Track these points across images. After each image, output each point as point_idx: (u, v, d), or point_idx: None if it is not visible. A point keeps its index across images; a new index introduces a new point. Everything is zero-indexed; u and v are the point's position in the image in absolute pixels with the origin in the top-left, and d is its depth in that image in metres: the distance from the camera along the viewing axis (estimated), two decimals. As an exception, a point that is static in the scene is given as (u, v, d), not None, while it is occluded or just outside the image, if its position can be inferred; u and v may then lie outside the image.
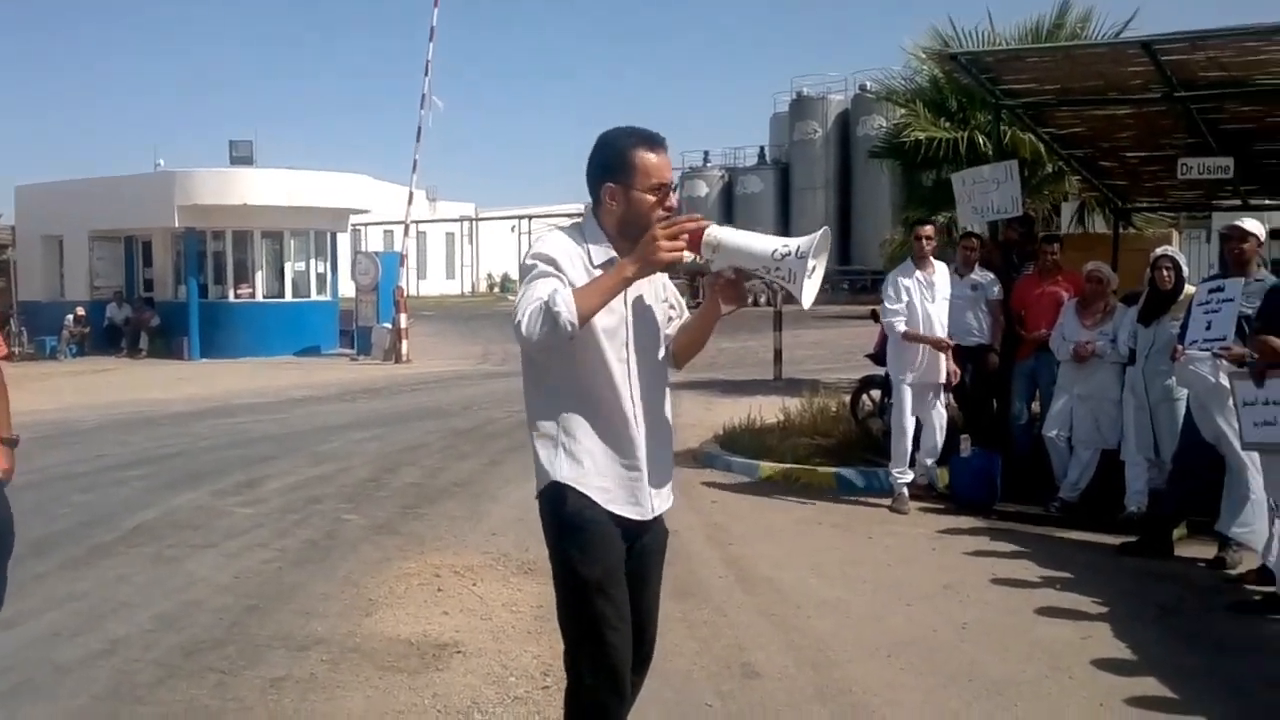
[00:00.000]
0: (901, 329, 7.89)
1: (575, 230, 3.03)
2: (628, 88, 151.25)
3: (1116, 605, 5.67)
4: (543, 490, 3.03)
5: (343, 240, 26.50)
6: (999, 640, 5.16)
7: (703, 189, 56.93)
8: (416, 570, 6.38)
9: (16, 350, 23.52)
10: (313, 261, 25.40)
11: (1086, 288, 7.73)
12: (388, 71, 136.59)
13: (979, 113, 12.76)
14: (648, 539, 3.15)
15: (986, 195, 8.69)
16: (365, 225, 40.31)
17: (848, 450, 9.41)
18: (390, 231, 45.03)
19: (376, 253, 27.10)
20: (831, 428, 10.25)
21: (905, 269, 8.07)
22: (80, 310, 24.85)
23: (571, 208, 58.60)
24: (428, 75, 22.51)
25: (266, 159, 25.26)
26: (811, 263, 2.82)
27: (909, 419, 7.96)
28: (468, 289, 60.87)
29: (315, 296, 25.40)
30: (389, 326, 22.24)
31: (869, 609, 5.65)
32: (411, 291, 25.32)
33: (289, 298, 24.88)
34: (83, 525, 7.55)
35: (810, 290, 2.84)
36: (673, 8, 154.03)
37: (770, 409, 10.99)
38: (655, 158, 2.94)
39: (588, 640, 3.00)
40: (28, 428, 4.18)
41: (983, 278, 8.77)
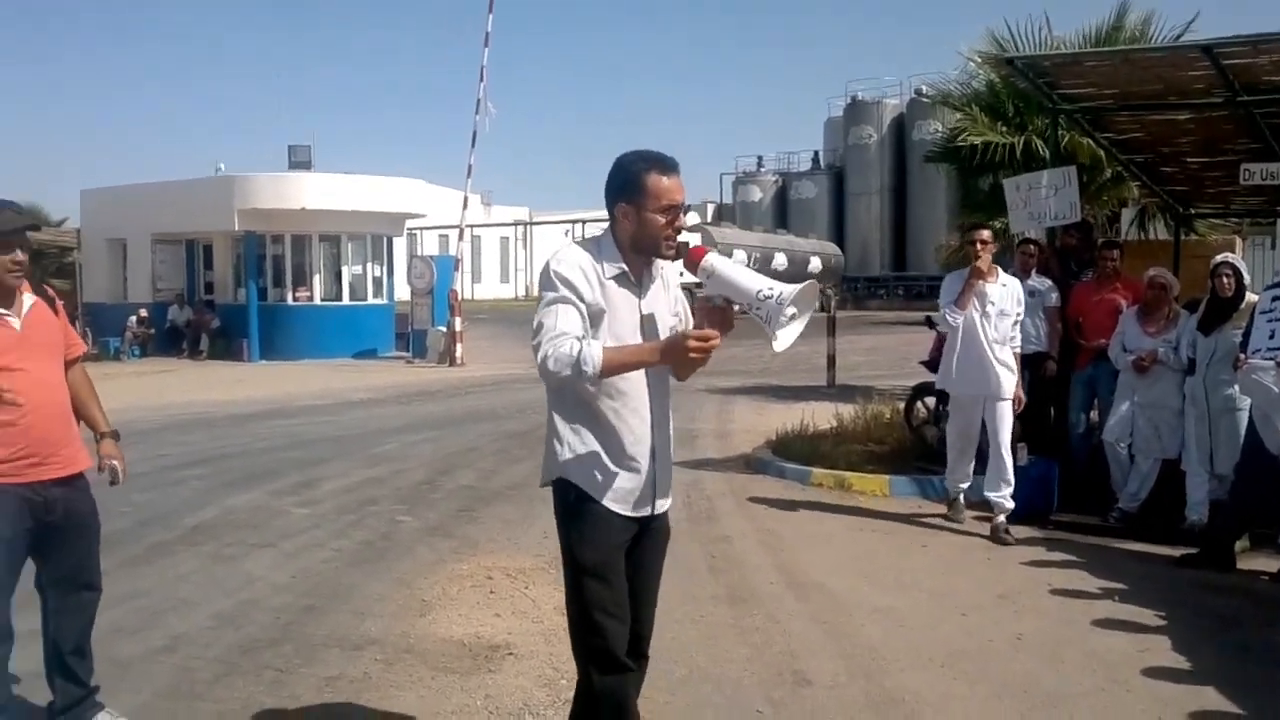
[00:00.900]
0: (954, 322, 7.35)
1: (593, 244, 3.26)
2: (681, 92, 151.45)
3: (1175, 617, 5.58)
4: (553, 482, 3.28)
5: (399, 244, 26.79)
6: (1055, 651, 5.10)
7: (756, 194, 56.81)
8: (469, 572, 6.43)
9: (81, 351, 24.02)
10: (369, 265, 25.70)
11: (1148, 294, 7.62)
12: (443, 77, 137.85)
13: (1036, 117, 12.62)
14: (651, 536, 3.37)
15: (1044, 201, 8.60)
16: (421, 229, 40.63)
17: (901, 458, 9.34)
18: (445, 236, 45.37)
19: (432, 256, 27.35)
20: (885, 435, 10.18)
21: (961, 274, 7.62)
22: (143, 312, 25.37)
23: (624, 212, 58.67)
24: (483, 80, 22.69)
25: (325, 164, 25.67)
26: (791, 310, 2.94)
27: (957, 427, 7.62)
28: (521, 293, 61.18)
29: (372, 300, 25.68)
30: (444, 330, 22.43)
31: (922, 618, 5.61)
32: (466, 295, 25.51)
33: (346, 301, 25.20)
34: (143, 524, 7.69)
35: (785, 336, 2.96)
36: (727, 12, 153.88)
37: (823, 415, 10.94)
38: (666, 180, 3.15)
39: (584, 622, 3.25)
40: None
41: (1040, 284, 8.67)
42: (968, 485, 7.75)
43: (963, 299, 7.31)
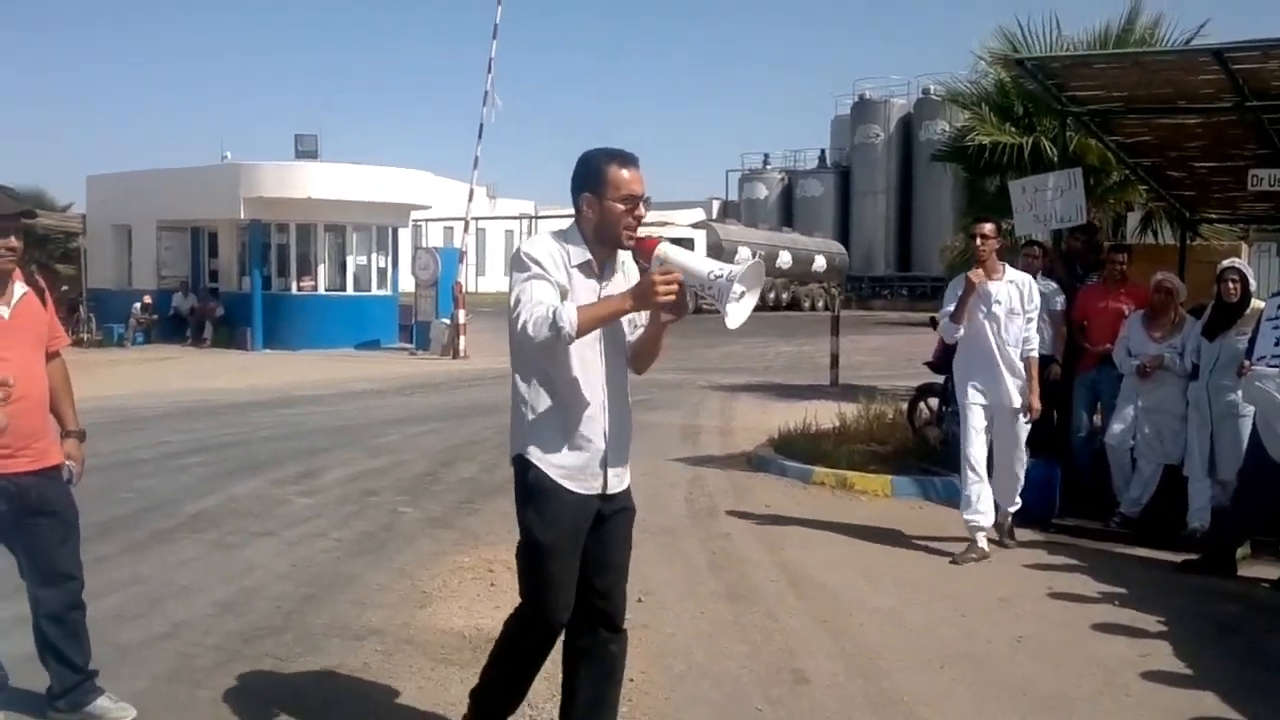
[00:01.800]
0: (951, 337, 6.99)
1: (560, 235, 3.45)
2: (689, 88, 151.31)
3: (1176, 623, 5.58)
4: (514, 458, 3.48)
5: (404, 235, 26.80)
6: (1054, 655, 5.10)
7: (762, 191, 56.83)
8: (470, 564, 6.44)
9: (85, 336, 24.07)
10: (374, 256, 25.71)
11: (1154, 298, 7.60)
12: (451, 68, 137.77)
13: (1045, 118, 12.60)
14: (614, 514, 3.53)
15: (1050, 203, 8.59)
16: (426, 221, 40.63)
17: (904, 458, 9.34)
18: (450, 228, 45.34)
19: (436, 248, 27.36)
20: (888, 435, 10.18)
21: (963, 275, 7.14)
22: (147, 299, 25.39)
23: (630, 207, 58.68)
24: (490, 73, 22.65)
25: (331, 154, 25.62)
26: (739, 288, 3.16)
27: (972, 445, 6.88)
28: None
29: (376, 291, 25.70)
30: (447, 322, 22.43)
31: (922, 619, 5.61)
32: (470, 288, 25.47)
33: (350, 291, 25.22)
34: (145, 510, 7.71)
35: (736, 313, 3.17)
36: (736, 9, 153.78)
37: (826, 414, 10.94)
38: (626, 173, 3.35)
39: (535, 595, 3.50)
40: (93, 413, 4.30)
41: (1045, 287, 8.64)
42: (989, 521, 6.90)
43: (959, 310, 6.78)
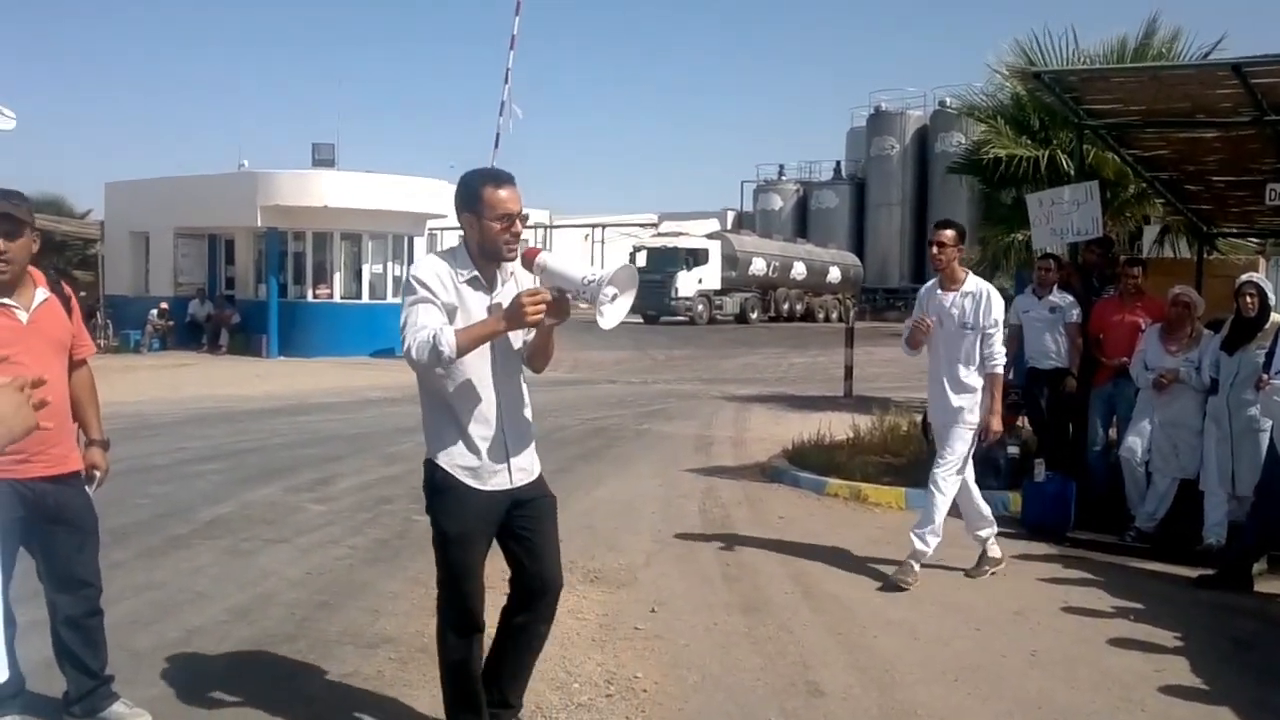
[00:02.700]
0: (909, 355, 6.73)
1: (449, 254, 3.71)
2: (704, 99, 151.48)
3: (1191, 638, 5.55)
4: (425, 461, 3.77)
5: (419, 244, 26.87)
6: (1069, 669, 5.08)
7: (777, 203, 56.84)
8: (486, 572, 6.42)
9: (101, 343, 24.17)
10: (390, 264, 25.77)
11: (1171, 312, 7.56)
12: (468, 79, 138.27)
13: (1062, 131, 12.57)
14: (529, 502, 3.81)
15: (1066, 216, 8.56)
16: (442, 230, 40.71)
17: (918, 470, 9.28)
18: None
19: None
20: (902, 447, 10.16)
21: (931, 283, 6.77)
22: (164, 305, 25.50)
23: (645, 217, 58.85)
24: (508, 83, 22.71)
25: (348, 162, 25.73)
26: (610, 290, 3.44)
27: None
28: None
29: (391, 299, 25.72)
30: (461, 331, 22.42)
31: (936, 631, 5.59)
32: (485, 296, 25.49)
33: (366, 299, 25.27)
34: (160, 516, 7.74)
35: (610, 314, 3.48)
36: (752, 20, 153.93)
37: (840, 425, 10.93)
38: (502, 193, 3.58)
39: (448, 584, 3.79)
40: (109, 419, 4.31)
41: (1061, 300, 8.65)
42: (990, 532, 6.75)
43: (914, 334, 6.46)
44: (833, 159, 57.97)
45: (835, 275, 47.71)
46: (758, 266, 44.18)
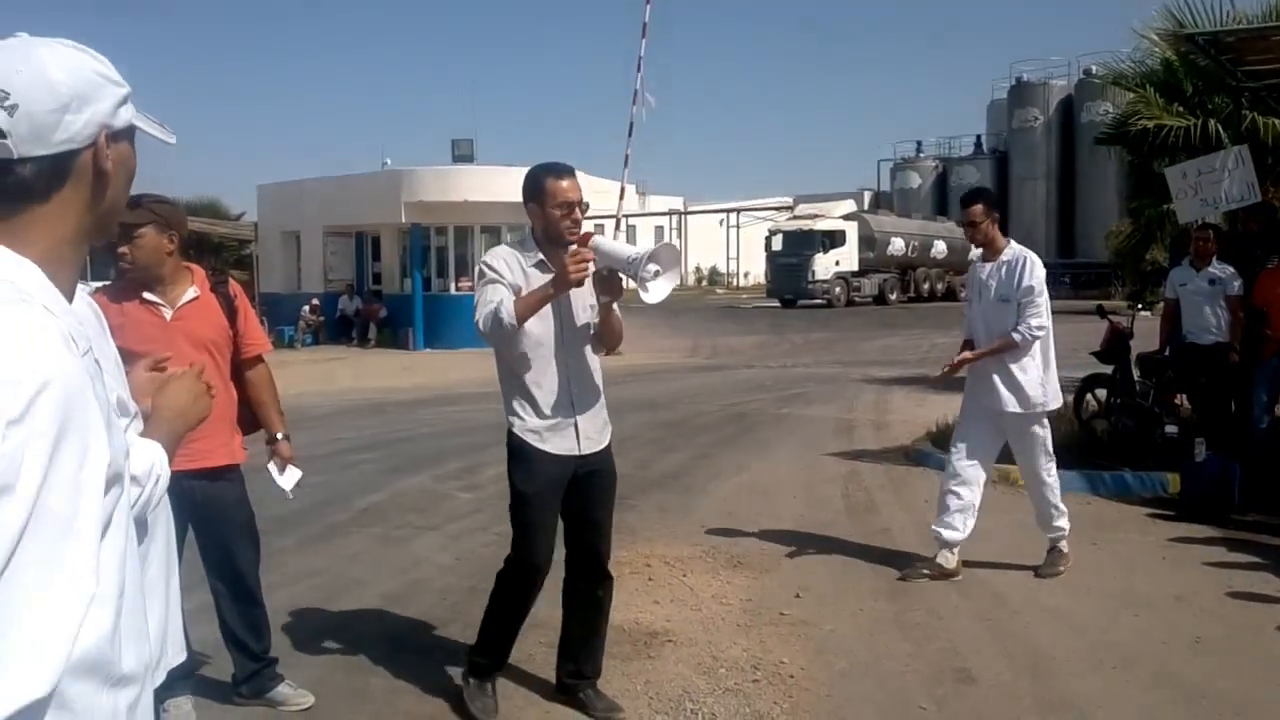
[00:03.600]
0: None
1: (519, 242, 4.11)
2: (839, 78, 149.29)
3: (1371, 625, 5.26)
4: (508, 430, 4.14)
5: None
6: (1235, 657, 4.86)
7: (915, 180, 55.76)
8: (628, 559, 6.50)
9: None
10: (528, 255, 26.13)
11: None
12: (601, 68, 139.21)
13: (1217, 96, 11.98)
14: (593, 473, 4.18)
15: (1218, 185, 8.17)
16: (578, 220, 41.24)
17: (1069, 452, 8.99)
18: (601, 225, 45.82)
19: (589, 246, 27.57)
20: (1052, 428, 9.83)
21: (977, 255, 6.46)
22: (315, 302, 26.41)
23: (780, 200, 58.40)
24: (640, 71, 22.78)
25: (487, 156, 26.21)
26: (653, 266, 3.81)
27: (954, 447, 6.26)
28: (676, 282, 61.44)
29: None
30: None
31: (1093, 618, 5.42)
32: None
33: (506, 290, 25.66)
34: (319, 505, 8.02)
35: (656, 289, 3.85)
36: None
37: (986, 407, 10.65)
38: (563, 183, 3.93)
39: (520, 538, 4.15)
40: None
41: (1221, 272, 8.28)
42: (956, 536, 6.10)
43: (954, 366, 6.11)
44: (973, 134, 56.57)
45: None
46: (896, 246, 43.39)
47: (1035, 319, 5.82)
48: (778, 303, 41.24)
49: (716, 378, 17.34)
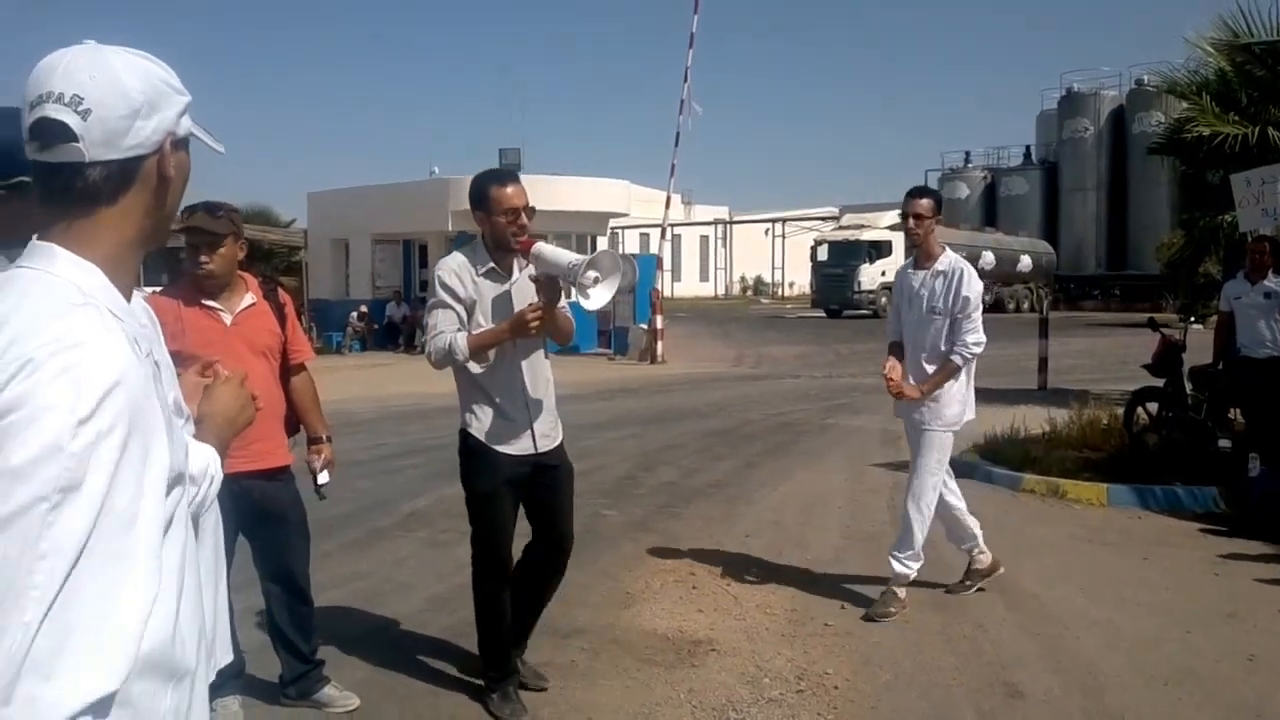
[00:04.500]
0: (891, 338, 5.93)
1: (470, 249, 4.25)
2: (886, 88, 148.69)
3: None
4: (459, 431, 4.28)
5: (602, 243, 27.26)
6: (1292, 676, 4.77)
7: (963, 191, 55.25)
8: (672, 567, 6.49)
9: (307, 345, 25.44)
10: (574, 264, 26.20)
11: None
12: (648, 78, 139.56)
13: (1273, 106, 11.80)
14: (550, 469, 4.34)
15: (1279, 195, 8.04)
16: (623, 228, 41.29)
17: (1120, 465, 8.90)
18: (646, 234, 45.97)
19: (634, 255, 27.73)
20: (1102, 441, 9.73)
21: (906, 262, 6.01)
22: (363, 308, 26.64)
23: (826, 210, 58.17)
24: (687, 81, 22.84)
25: (533, 166, 26.30)
26: (592, 274, 3.88)
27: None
28: (721, 291, 61.31)
29: (575, 297, 26.18)
30: (645, 327, 22.68)
31: (1143, 633, 5.33)
32: (666, 293, 25.73)
33: (551, 299, 25.75)
34: (364, 509, 8.09)
35: (596, 296, 3.91)
36: (930, 5, 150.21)
37: (1035, 419, 10.55)
38: (507, 189, 4.07)
39: (480, 538, 4.31)
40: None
41: (1277, 285, 8.14)
42: (915, 569, 5.72)
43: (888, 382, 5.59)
44: (1022, 144, 56.01)
45: (1026, 264, 45.99)
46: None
47: (972, 335, 5.47)
48: (823, 313, 41.02)
49: (762, 387, 17.29)
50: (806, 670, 4.83)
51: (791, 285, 61.79)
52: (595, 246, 26.67)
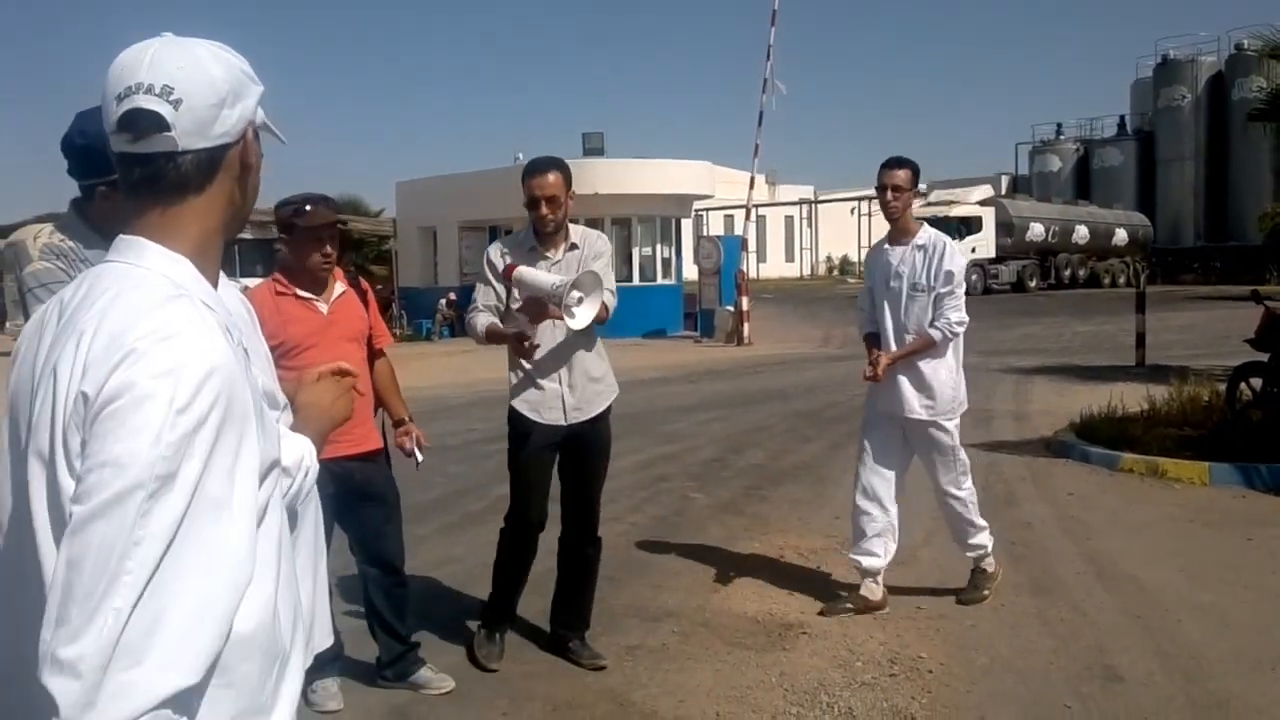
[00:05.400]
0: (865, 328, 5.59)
1: (523, 231, 4.71)
2: (974, 60, 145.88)
3: None
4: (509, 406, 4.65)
5: (686, 225, 27.26)
6: None
7: (1055, 163, 54.08)
8: (761, 550, 6.48)
9: (397, 332, 25.85)
10: (658, 247, 26.24)
11: None
12: (730, 58, 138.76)
13: (1385, 67, 11.34)
14: (584, 442, 4.66)
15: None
16: (707, 210, 41.09)
17: (1222, 443, 8.64)
18: (731, 216, 45.69)
19: (718, 237, 27.65)
20: (1204, 418, 9.45)
21: (878, 241, 5.63)
22: (451, 295, 26.94)
23: (913, 187, 57.17)
24: (769, 60, 22.67)
25: (616, 149, 26.35)
26: (576, 294, 4.10)
27: (861, 465, 5.54)
28: (806, 271, 60.78)
29: (661, 280, 26.23)
30: (731, 309, 22.62)
31: (1249, 618, 5.18)
32: (752, 275, 25.62)
33: (636, 282, 25.82)
34: (456, 494, 8.20)
35: (581, 315, 4.14)
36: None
37: (1132, 397, 10.29)
38: (530, 181, 4.45)
39: (515, 495, 4.70)
40: (408, 403, 4.64)
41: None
42: (876, 564, 5.39)
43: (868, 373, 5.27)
44: (1115, 114, 54.56)
45: (1122, 237, 44.86)
46: (1035, 232, 42.11)
47: (955, 313, 5.15)
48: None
49: (848, 368, 17.08)
50: (899, 654, 4.79)
51: (879, 264, 60.83)
52: (679, 228, 26.72)
